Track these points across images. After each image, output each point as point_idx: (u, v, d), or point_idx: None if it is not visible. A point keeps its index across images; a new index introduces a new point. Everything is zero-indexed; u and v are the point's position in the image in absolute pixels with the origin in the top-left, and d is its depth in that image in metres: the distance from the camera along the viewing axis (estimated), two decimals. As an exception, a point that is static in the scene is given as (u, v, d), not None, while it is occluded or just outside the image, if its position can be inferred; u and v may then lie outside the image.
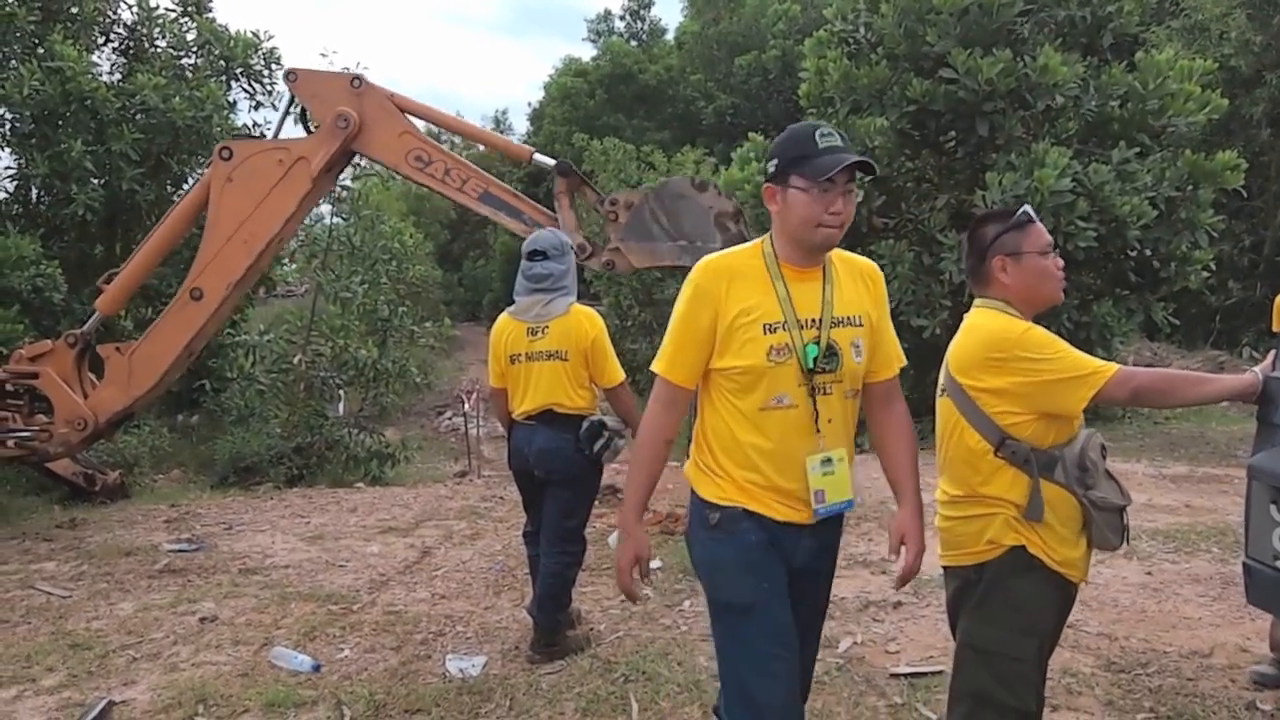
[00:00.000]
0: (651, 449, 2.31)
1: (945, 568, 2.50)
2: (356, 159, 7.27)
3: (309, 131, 6.56)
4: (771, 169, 2.21)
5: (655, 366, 2.30)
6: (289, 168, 6.27)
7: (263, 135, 11.29)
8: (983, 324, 2.39)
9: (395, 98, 6.30)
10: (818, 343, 2.18)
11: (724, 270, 2.23)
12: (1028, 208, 2.44)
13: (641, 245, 5.71)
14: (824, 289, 2.23)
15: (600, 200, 5.96)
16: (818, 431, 2.21)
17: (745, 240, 5.82)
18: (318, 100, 6.33)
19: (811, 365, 2.17)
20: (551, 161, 6.14)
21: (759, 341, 2.17)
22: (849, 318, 2.25)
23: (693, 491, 2.34)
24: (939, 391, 2.48)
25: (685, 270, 6.04)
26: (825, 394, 2.22)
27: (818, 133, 2.15)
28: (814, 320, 2.20)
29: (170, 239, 6.76)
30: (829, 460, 2.22)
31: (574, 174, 6.04)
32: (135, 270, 6.71)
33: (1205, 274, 10.00)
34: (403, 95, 6.35)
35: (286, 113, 6.63)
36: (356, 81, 6.27)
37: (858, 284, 2.31)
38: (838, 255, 2.31)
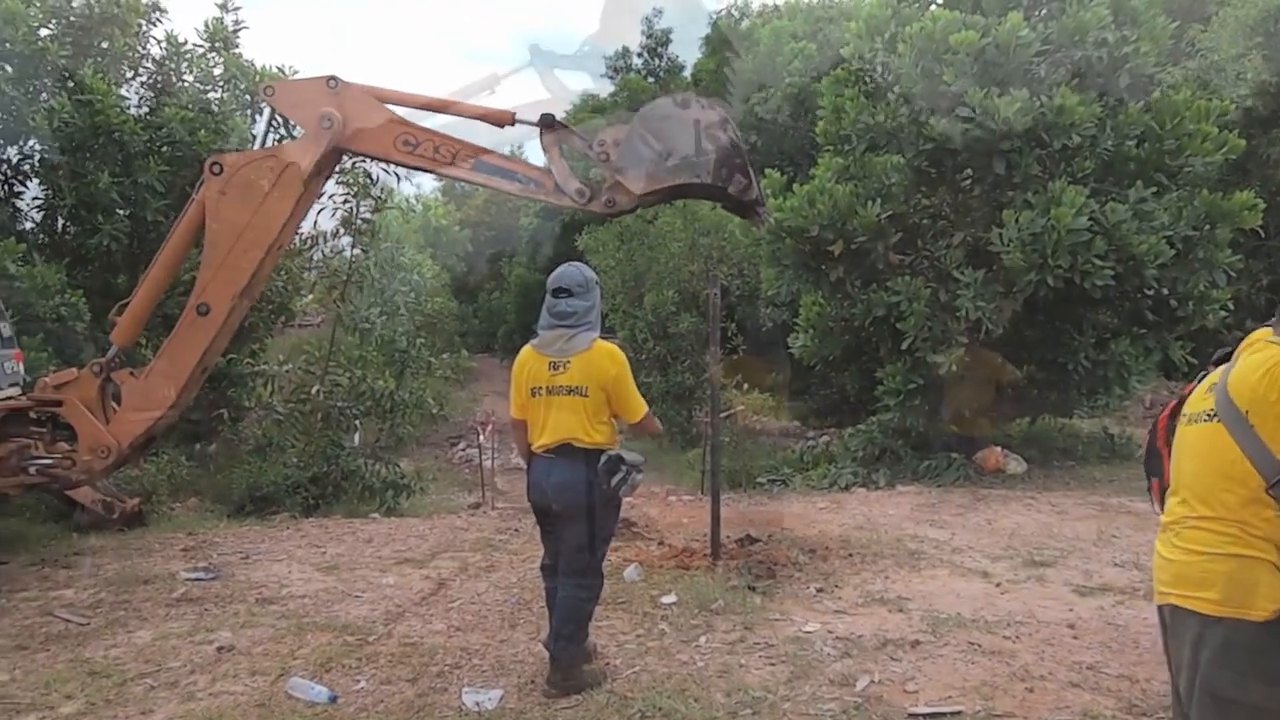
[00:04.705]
0: None
1: (1171, 606, 2.34)
2: (349, 162, 7.24)
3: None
4: None
5: None
6: (279, 173, 6.33)
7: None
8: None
9: (373, 90, 6.35)
10: None
11: None
12: None
13: (638, 171, 5.53)
14: None
15: (589, 144, 5.80)
16: None
17: (738, 146, 5.75)
18: (299, 108, 6.37)
19: None
20: (533, 118, 6.05)
21: None
22: None
23: None
24: (1205, 416, 2.35)
25: (685, 189, 5.81)
26: None
27: None
28: None
29: (174, 263, 6.83)
30: None
31: (558, 124, 5.95)
32: (144, 299, 6.77)
33: (1223, 313, 9.97)
34: (378, 86, 6.38)
35: (269, 126, 6.75)
36: (332, 82, 6.29)
37: None
38: None
